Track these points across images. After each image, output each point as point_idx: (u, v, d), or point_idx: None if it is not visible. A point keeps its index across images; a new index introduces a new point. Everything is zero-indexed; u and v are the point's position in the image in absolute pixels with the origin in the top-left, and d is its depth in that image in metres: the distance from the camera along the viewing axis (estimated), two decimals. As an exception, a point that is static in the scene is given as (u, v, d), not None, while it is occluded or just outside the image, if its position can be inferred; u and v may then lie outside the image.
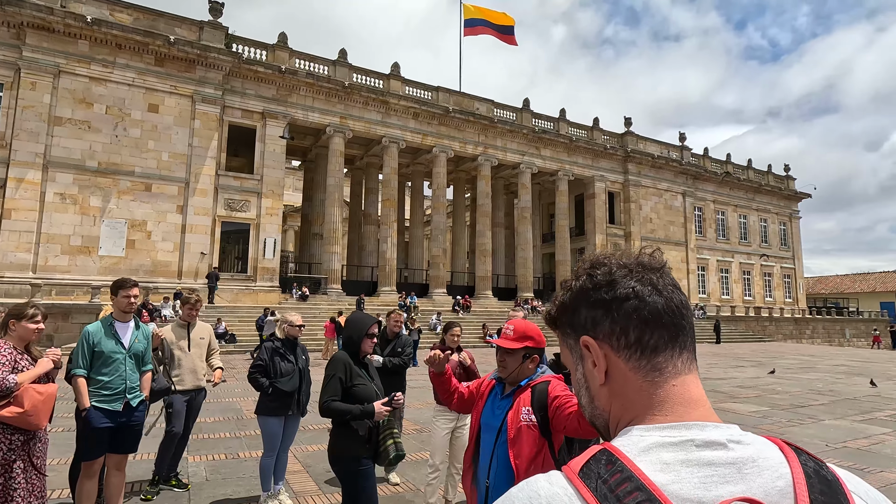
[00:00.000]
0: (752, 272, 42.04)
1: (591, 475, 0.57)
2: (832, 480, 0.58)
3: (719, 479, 0.56)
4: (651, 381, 0.68)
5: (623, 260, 0.75)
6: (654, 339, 0.68)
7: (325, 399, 3.12)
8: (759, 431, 3.16)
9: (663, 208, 37.67)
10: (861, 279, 60.41)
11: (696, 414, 0.65)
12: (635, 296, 0.70)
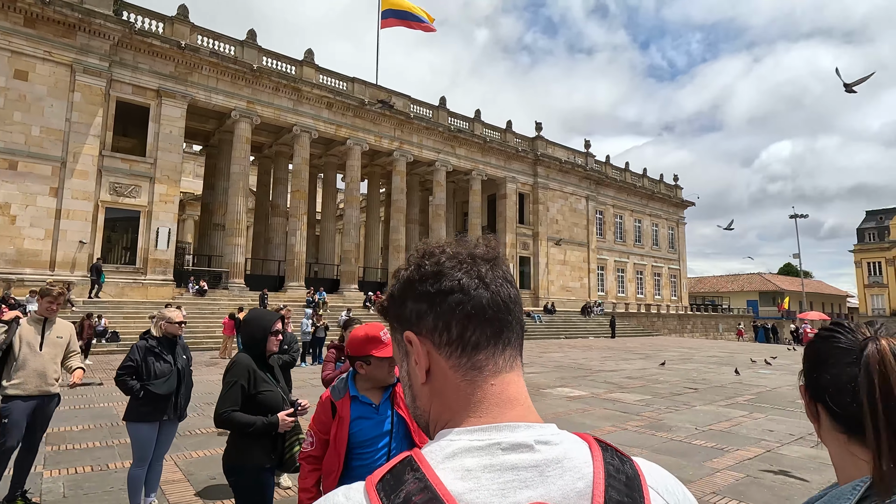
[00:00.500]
0: (644, 272, 45.85)
1: (388, 486, 0.56)
2: (632, 477, 0.59)
3: (519, 483, 0.55)
4: (469, 380, 0.64)
5: (455, 249, 0.70)
6: (476, 335, 0.65)
7: (224, 409, 2.81)
8: (641, 419, 3.37)
9: (569, 211, 39.88)
10: (732, 280, 68.26)
11: (511, 414, 0.63)
12: (460, 289, 0.65)
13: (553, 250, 38.17)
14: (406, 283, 0.70)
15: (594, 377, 13.36)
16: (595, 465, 0.58)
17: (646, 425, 7.79)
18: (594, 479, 0.57)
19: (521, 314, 0.70)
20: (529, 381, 12.38)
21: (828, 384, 0.81)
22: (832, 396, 0.80)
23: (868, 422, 0.75)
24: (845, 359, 0.79)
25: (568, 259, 39.18)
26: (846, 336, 0.81)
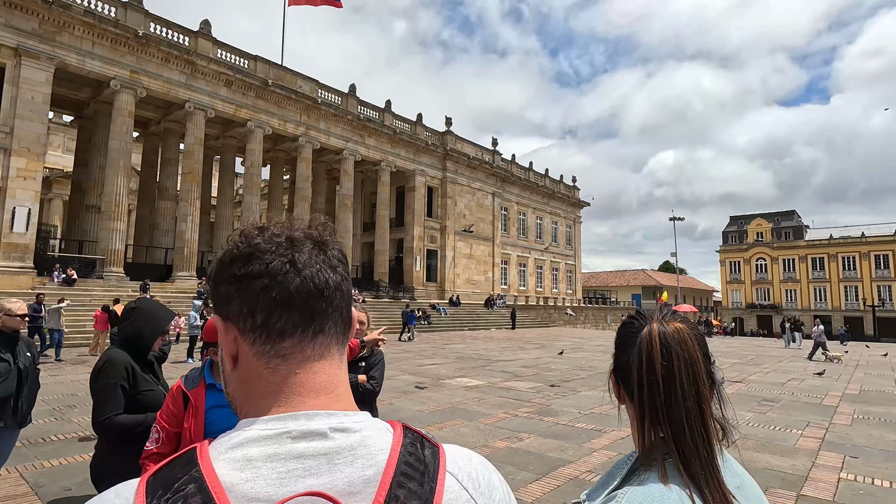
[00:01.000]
0: (543, 267, 48.43)
1: (158, 482, 0.54)
2: (430, 463, 0.59)
3: (302, 472, 0.54)
4: (273, 368, 0.62)
5: (276, 231, 0.66)
6: (282, 322, 0.62)
7: (106, 415, 2.47)
8: (532, 405, 3.49)
9: (476, 206, 40.92)
10: (620, 275, 74.47)
11: (314, 403, 0.61)
12: (267, 273, 0.62)
13: (460, 244, 38.98)
14: (219, 264, 0.66)
15: (492, 367, 13.86)
16: (391, 453, 0.58)
17: (535, 411, 8.21)
18: (386, 467, 0.56)
19: (344, 301, 0.67)
20: (430, 372, 12.54)
21: (622, 364, 0.91)
22: (623, 374, 0.90)
23: (635, 394, 0.84)
24: (633, 341, 0.89)
25: (474, 253, 40.24)
26: (638, 322, 0.91)
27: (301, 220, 0.70)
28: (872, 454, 6.15)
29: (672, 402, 0.82)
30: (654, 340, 0.86)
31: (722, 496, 0.78)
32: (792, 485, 5.02)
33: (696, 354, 0.86)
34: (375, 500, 0.54)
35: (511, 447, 6.10)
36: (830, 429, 7.45)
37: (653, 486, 0.78)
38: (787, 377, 13.45)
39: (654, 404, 0.83)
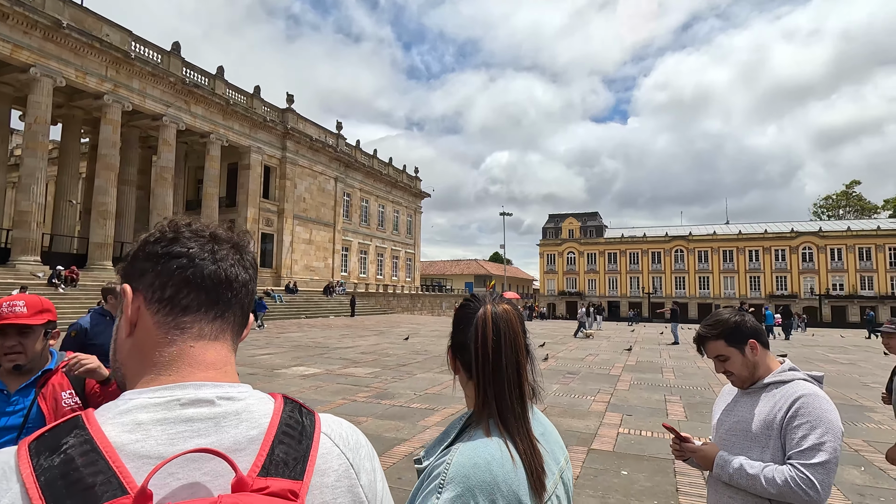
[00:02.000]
0: (384, 255, 49.06)
1: (43, 445, 0.55)
2: (308, 426, 0.67)
3: (192, 433, 0.59)
4: (170, 339, 0.67)
5: (202, 226, 0.74)
6: (188, 299, 0.68)
7: None
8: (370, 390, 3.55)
9: (317, 190, 39.55)
10: (455, 265, 79.20)
11: (202, 375, 0.67)
12: (186, 255, 0.70)
13: (299, 229, 37.35)
14: (142, 242, 0.73)
15: (330, 355, 13.69)
16: (273, 417, 0.65)
17: (373, 395, 8.39)
18: (268, 428, 0.63)
19: (248, 298, 0.75)
20: (263, 362, 11.90)
21: (460, 340, 1.06)
22: (461, 350, 1.05)
23: (473, 366, 1.01)
24: (470, 321, 1.05)
25: (314, 239, 38.93)
26: (473, 304, 1.08)
27: (227, 225, 0.79)
28: (642, 412, 7.65)
29: (498, 370, 0.99)
30: (487, 319, 1.01)
31: (529, 441, 0.97)
32: (585, 441, 6.01)
33: (518, 330, 1.05)
34: (259, 454, 0.60)
35: (348, 432, 6.16)
36: (614, 394, 9.04)
37: (479, 439, 0.94)
38: (585, 353, 15.86)
39: (485, 372, 0.99)
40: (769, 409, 1.70)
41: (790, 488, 1.54)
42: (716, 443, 1.84)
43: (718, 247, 63.59)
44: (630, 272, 67.43)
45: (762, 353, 1.80)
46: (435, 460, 0.94)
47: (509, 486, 0.88)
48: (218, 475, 0.58)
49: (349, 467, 0.67)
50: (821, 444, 1.56)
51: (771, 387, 1.75)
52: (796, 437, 1.60)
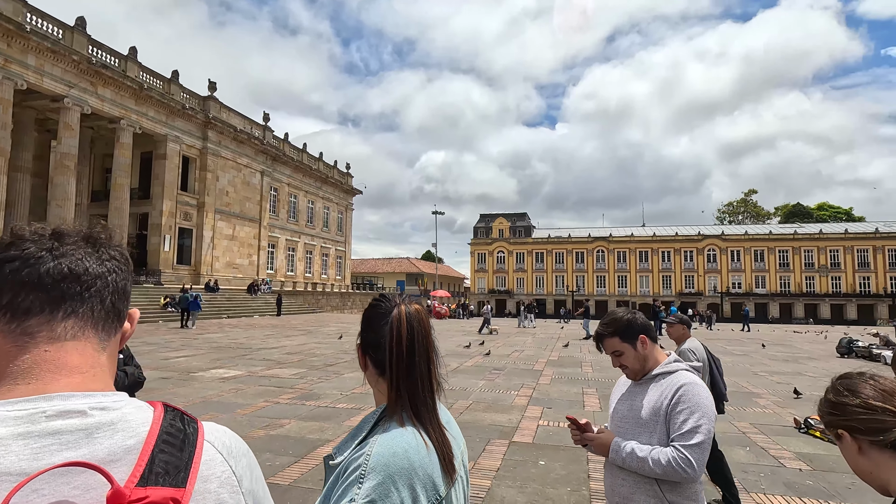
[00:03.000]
0: (313, 252, 47.75)
1: None
2: (190, 434, 0.66)
3: (59, 446, 0.57)
4: (21, 346, 0.64)
5: (46, 227, 0.71)
6: (28, 301, 0.65)
7: None
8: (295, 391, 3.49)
9: (241, 183, 37.72)
10: (387, 263, 78.69)
11: (66, 381, 0.64)
12: (20, 258, 0.66)
13: (221, 224, 35.44)
14: None
15: (253, 356, 13.16)
16: (153, 426, 0.63)
17: (298, 396, 8.19)
18: (147, 437, 0.61)
19: (108, 290, 0.70)
20: (178, 365, 11.22)
21: (371, 339, 1.10)
22: (373, 348, 1.09)
23: (387, 363, 1.05)
24: (382, 321, 1.09)
25: (237, 234, 37.12)
26: (385, 304, 1.12)
27: (96, 223, 0.76)
28: (561, 404, 8.05)
29: (412, 365, 1.04)
30: (402, 319, 1.06)
31: (440, 430, 1.05)
32: (506, 434, 6.24)
33: (429, 328, 1.11)
34: (137, 465, 0.58)
35: (270, 434, 6.00)
36: (537, 388, 9.44)
37: (396, 429, 0.98)
38: (512, 349, 16.37)
39: (400, 368, 1.03)
40: (657, 397, 1.89)
41: (672, 468, 1.73)
42: (612, 430, 2.01)
43: (635, 248, 67.90)
44: (556, 271, 70.30)
45: (651, 347, 1.99)
46: (351, 455, 0.96)
47: (425, 470, 0.94)
48: (90, 488, 0.55)
49: (232, 474, 0.67)
50: (698, 427, 1.76)
51: (658, 377, 1.94)
52: (678, 422, 1.79)
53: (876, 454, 1.01)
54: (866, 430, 1.01)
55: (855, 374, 1.12)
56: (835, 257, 61.58)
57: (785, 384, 10.45)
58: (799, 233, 64.01)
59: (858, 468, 1.05)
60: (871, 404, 1.02)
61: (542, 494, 4.39)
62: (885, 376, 1.10)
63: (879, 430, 1.00)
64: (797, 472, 5.12)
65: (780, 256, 63.24)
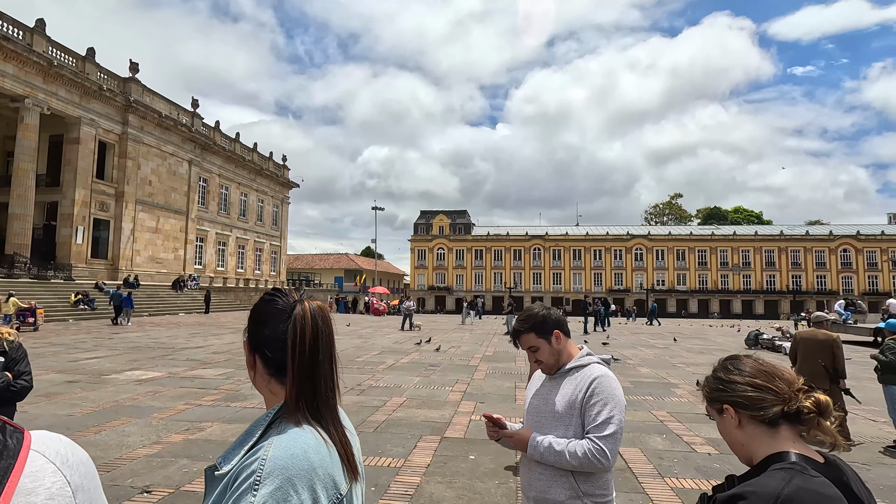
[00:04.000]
0: (246, 247, 45.76)
1: None
2: (11, 444, 0.63)
3: None
4: None
5: None
6: None
7: None
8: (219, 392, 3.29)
9: (166, 172, 35.42)
10: (325, 258, 76.90)
11: None
12: None
13: (143, 215, 33.12)
14: None
15: (176, 356, 12.41)
16: None
17: (222, 398, 7.79)
18: None
19: None
20: (89, 367, 10.36)
21: (266, 337, 1.01)
22: (269, 346, 1.01)
23: (290, 362, 0.98)
24: (280, 317, 1.01)
25: (162, 227, 34.85)
26: (283, 300, 1.04)
27: None
28: (494, 399, 8.19)
29: (316, 363, 0.99)
30: (307, 316, 1.00)
31: (341, 429, 1.01)
32: (438, 430, 6.26)
33: (332, 326, 1.05)
34: None
35: (189, 439, 5.66)
36: (471, 383, 9.54)
37: (293, 430, 0.92)
38: (449, 345, 16.49)
39: (303, 368, 0.97)
40: (571, 390, 1.93)
41: (588, 459, 1.77)
42: (528, 425, 2.04)
43: (570, 246, 70.54)
44: (494, 268, 71.65)
45: (565, 341, 2.04)
46: (241, 462, 0.89)
47: (326, 470, 0.91)
48: None
49: (66, 485, 0.63)
50: (611, 419, 1.82)
51: (572, 371, 1.99)
52: (592, 414, 1.84)
53: (752, 428, 1.12)
54: (750, 405, 1.12)
55: (742, 356, 1.23)
56: (746, 257, 67.01)
57: (700, 375, 11.23)
58: (716, 234, 69.05)
59: (733, 439, 1.17)
60: (757, 383, 1.13)
61: (471, 489, 4.43)
62: (766, 360, 1.20)
63: (761, 407, 1.11)
64: (706, 456, 5.50)
65: (699, 256, 67.92)
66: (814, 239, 66.31)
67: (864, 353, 13.48)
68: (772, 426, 1.11)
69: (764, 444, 1.11)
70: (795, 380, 1.14)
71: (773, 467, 1.05)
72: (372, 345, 16.34)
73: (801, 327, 21.79)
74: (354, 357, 13.06)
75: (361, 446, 4.43)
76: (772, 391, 1.11)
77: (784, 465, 1.04)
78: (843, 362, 6.27)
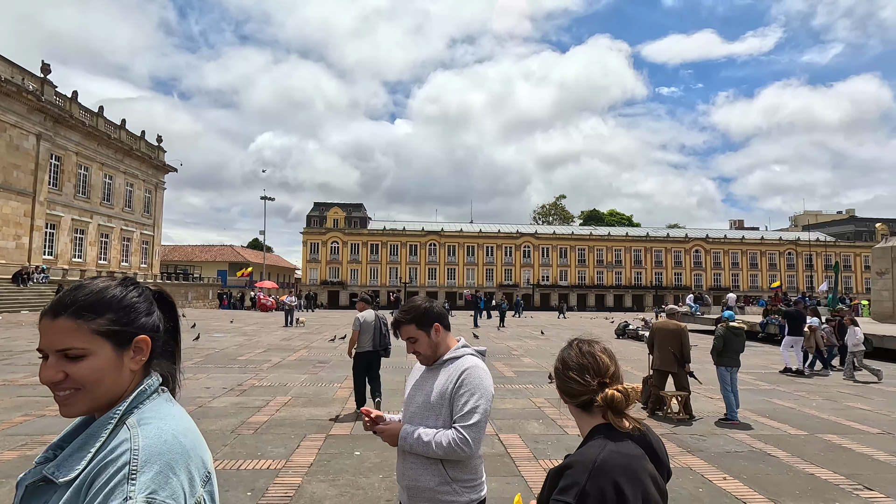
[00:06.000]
0: (111, 235, 40.71)
1: None
2: None
3: None
4: None
5: None
6: None
7: None
8: None
9: (7, 147, 30.23)
10: (207, 250, 71.09)
11: None
12: None
13: (-27, 195, 27.96)
14: None
15: (15, 360, 10.72)
16: None
17: (73, 406, 6.87)
18: None
19: None
20: None
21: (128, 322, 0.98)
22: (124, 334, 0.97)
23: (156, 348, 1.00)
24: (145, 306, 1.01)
25: (1, 211, 29.74)
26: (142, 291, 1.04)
27: None
28: (386, 392, 8.14)
29: (177, 347, 1.07)
30: (174, 305, 1.07)
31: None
32: (324, 428, 6.10)
33: (178, 316, 1.08)
34: None
35: (27, 455, 4.91)
36: (361, 379, 9.43)
37: (156, 418, 0.92)
38: (335, 343, 16.13)
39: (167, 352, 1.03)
40: (444, 381, 1.98)
41: (452, 448, 1.83)
42: (405, 416, 2.05)
43: (464, 242, 72.61)
44: (390, 263, 71.45)
45: (444, 334, 2.08)
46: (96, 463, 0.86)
47: (196, 452, 0.93)
48: None
49: None
50: (476, 408, 1.89)
51: (448, 362, 2.04)
52: (460, 404, 1.90)
53: (575, 411, 1.36)
54: (568, 393, 1.34)
55: (568, 347, 1.41)
56: (618, 256, 74.06)
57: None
58: (593, 234, 75.43)
59: (574, 416, 1.39)
60: (570, 375, 1.33)
61: (354, 485, 4.38)
62: (588, 350, 1.36)
63: (572, 395, 1.33)
64: (577, 437, 5.97)
65: (579, 254, 73.71)
66: (673, 241, 75.19)
67: (709, 341, 15.60)
68: (586, 409, 1.32)
69: (585, 421, 1.34)
70: (606, 371, 1.31)
71: (592, 438, 1.27)
72: (257, 342, 15.46)
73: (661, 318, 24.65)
74: (236, 356, 12.26)
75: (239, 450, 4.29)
76: (580, 384, 1.31)
77: (599, 435, 1.25)
78: (688, 349, 7.20)
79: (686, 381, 7.12)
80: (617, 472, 1.14)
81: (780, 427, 6.66)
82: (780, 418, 7.12)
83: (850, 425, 6.82)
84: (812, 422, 6.97)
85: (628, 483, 1.13)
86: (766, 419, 7.07)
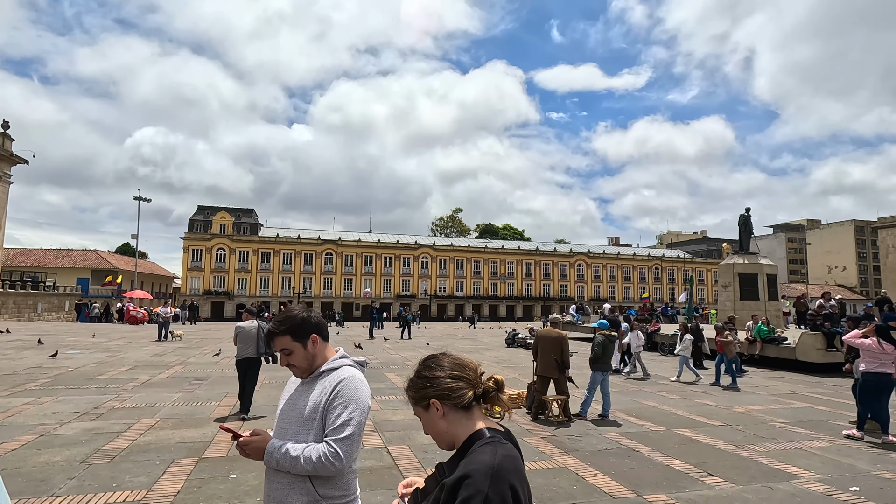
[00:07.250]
0: (-66, 235, 34.00)
1: None
2: None
3: None
4: None
5: None
6: None
7: None
8: None
9: None
10: (66, 255, 62.32)
11: None
12: None
13: None
14: None
15: None
16: None
17: None
18: None
19: None
20: None
21: None
22: None
23: None
24: None
25: None
26: None
27: None
28: (266, 409, 7.68)
29: None
30: None
31: None
32: (197, 451, 5.57)
33: None
34: None
35: None
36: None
37: None
38: (224, 356, 14.95)
39: None
40: (318, 394, 1.89)
41: (321, 463, 1.74)
42: (276, 432, 1.92)
43: (362, 252, 71.47)
44: (283, 272, 68.08)
45: (322, 345, 1.99)
46: None
47: None
48: None
49: None
50: (349, 421, 1.81)
51: (324, 374, 1.95)
52: (333, 416, 1.82)
53: (453, 415, 1.31)
54: (451, 395, 1.30)
55: (438, 354, 1.42)
56: (510, 268, 77.71)
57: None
58: (488, 247, 78.43)
59: (437, 429, 1.34)
60: (455, 374, 1.33)
61: (227, 511, 4.04)
62: (455, 354, 1.42)
63: (460, 394, 1.31)
64: (464, 444, 6.10)
65: (474, 265, 76.13)
66: (559, 255, 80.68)
67: (588, 348, 16.87)
68: (467, 410, 1.32)
69: (463, 426, 1.32)
70: (477, 367, 1.37)
71: (476, 444, 1.25)
72: (122, 359, 13.80)
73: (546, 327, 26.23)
74: (94, 375, 10.81)
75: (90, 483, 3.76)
76: (465, 379, 1.33)
77: (486, 441, 1.25)
78: (568, 355, 7.72)
79: (566, 385, 7.61)
80: (512, 475, 1.18)
81: (644, 424, 7.36)
82: (644, 416, 7.88)
83: (699, 419, 7.74)
84: (670, 418, 7.81)
85: (520, 484, 1.18)
86: (633, 418, 7.78)
